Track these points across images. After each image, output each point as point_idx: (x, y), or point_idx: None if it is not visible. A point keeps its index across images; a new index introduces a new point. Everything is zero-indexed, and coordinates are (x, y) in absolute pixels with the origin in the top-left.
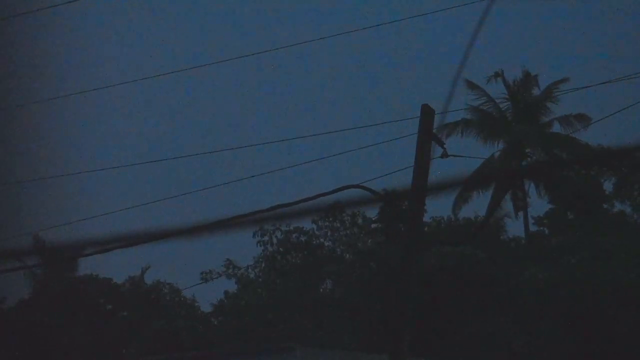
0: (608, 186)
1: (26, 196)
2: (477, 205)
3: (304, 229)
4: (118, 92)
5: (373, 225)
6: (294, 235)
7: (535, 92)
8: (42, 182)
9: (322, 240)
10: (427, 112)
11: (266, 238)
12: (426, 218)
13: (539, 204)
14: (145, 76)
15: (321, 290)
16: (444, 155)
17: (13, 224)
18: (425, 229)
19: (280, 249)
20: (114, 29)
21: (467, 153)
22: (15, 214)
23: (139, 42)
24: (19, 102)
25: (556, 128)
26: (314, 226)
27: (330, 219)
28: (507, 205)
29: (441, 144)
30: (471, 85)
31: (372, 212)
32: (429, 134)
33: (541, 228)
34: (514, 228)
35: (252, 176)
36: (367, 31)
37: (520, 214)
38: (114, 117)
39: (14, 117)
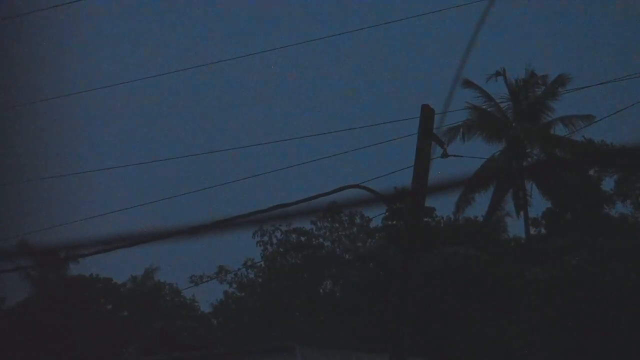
0: (609, 183)
1: (25, 196)
2: (479, 206)
3: (304, 229)
4: (118, 92)
5: (372, 225)
6: (293, 236)
7: (543, 91)
8: (41, 182)
9: (321, 240)
10: (427, 112)
11: (266, 238)
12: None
13: (540, 204)
14: (146, 76)
15: (321, 290)
16: (444, 155)
17: (12, 224)
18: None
19: (280, 249)
20: (114, 29)
21: (469, 152)
22: (14, 214)
23: (138, 42)
24: (19, 102)
25: (558, 128)
26: (313, 226)
27: (329, 220)
28: (509, 205)
29: (441, 144)
30: (471, 85)
31: (372, 212)
32: (429, 134)
33: (538, 229)
34: (515, 228)
35: (252, 176)
36: (367, 31)
37: (522, 213)
38: (114, 117)
39: (14, 117)
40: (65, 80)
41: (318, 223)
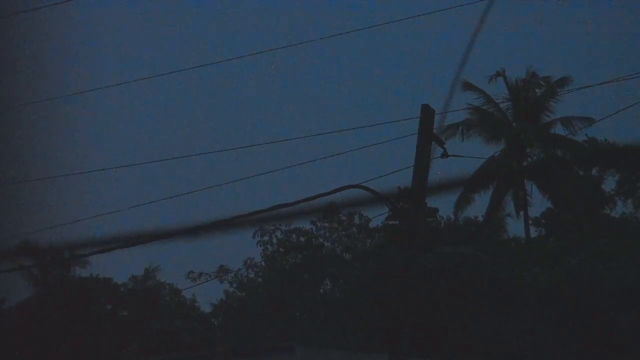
0: (611, 184)
1: (25, 196)
2: (479, 206)
3: (304, 229)
4: (118, 92)
5: (372, 225)
6: (293, 236)
7: (543, 91)
8: (41, 182)
9: (321, 240)
10: (427, 112)
11: (266, 238)
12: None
13: (540, 204)
14: (146, 76)
15: (321, 290)
16: (444, 155)
17: (12, 224)
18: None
19: (280, 249)
20: (114, 28)
21: (469, 153)
22: (14, 215)
23: (138, 42)
24: (19, 102)
25: (558, 129)
26: (313, 226)
27: (329, 220)
28: (509, 205)
29: (441, 144)
30: (471, 86)
31: (372, 212)
32: (429, 134)
33: (539, 228)
34: (515, 228)
35: (252, 176)
36: (367, 31)
37: (522, 213)
38: (114, 117)
39: (13, 117)
40: (65, 80)
41: (318, 223)
